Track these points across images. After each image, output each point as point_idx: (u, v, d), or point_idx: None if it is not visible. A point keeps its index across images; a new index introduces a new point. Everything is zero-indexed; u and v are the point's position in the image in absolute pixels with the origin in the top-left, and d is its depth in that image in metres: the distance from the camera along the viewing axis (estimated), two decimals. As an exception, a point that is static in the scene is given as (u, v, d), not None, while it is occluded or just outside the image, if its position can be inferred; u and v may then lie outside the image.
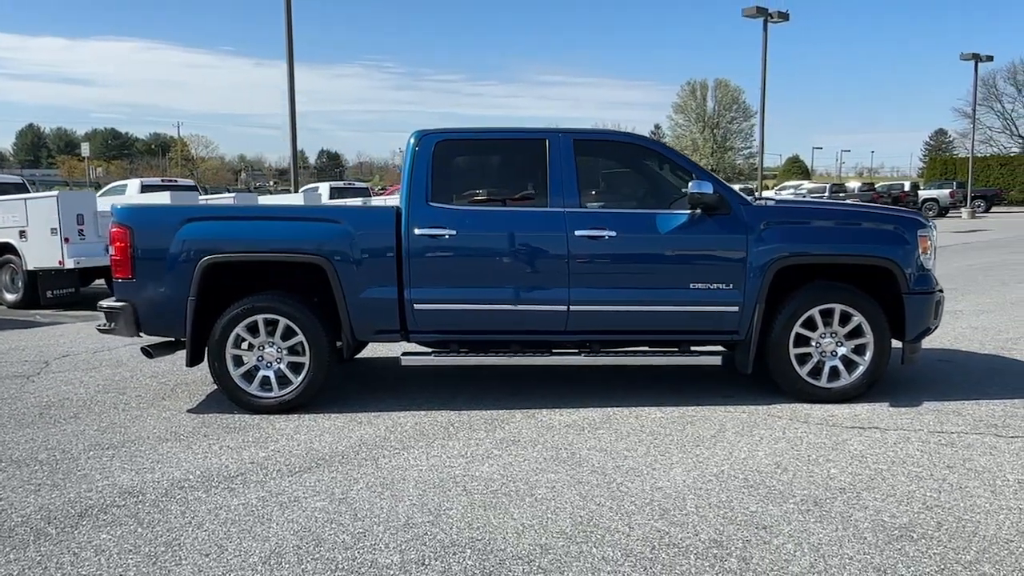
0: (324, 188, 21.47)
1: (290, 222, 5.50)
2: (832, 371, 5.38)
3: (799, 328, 5.32)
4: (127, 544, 3.37)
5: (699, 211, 5.28)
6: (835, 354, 5.38)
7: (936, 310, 5.48)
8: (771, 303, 5.31)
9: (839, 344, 5.38)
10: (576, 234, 5.25)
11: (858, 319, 5.31)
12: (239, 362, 5.33)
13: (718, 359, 5.53)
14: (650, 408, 5.32)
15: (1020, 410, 5.14)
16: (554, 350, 5.60)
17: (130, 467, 4.33)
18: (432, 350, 5.62)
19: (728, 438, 4.68)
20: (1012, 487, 3.85)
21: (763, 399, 5.47)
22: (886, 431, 4.75)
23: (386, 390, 5.95)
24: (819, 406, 5.28)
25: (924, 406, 5.27)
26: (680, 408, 5.31)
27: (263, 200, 16.42)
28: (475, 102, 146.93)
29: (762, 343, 5.33)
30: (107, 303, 5.41)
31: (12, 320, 9.95)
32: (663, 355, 5.57)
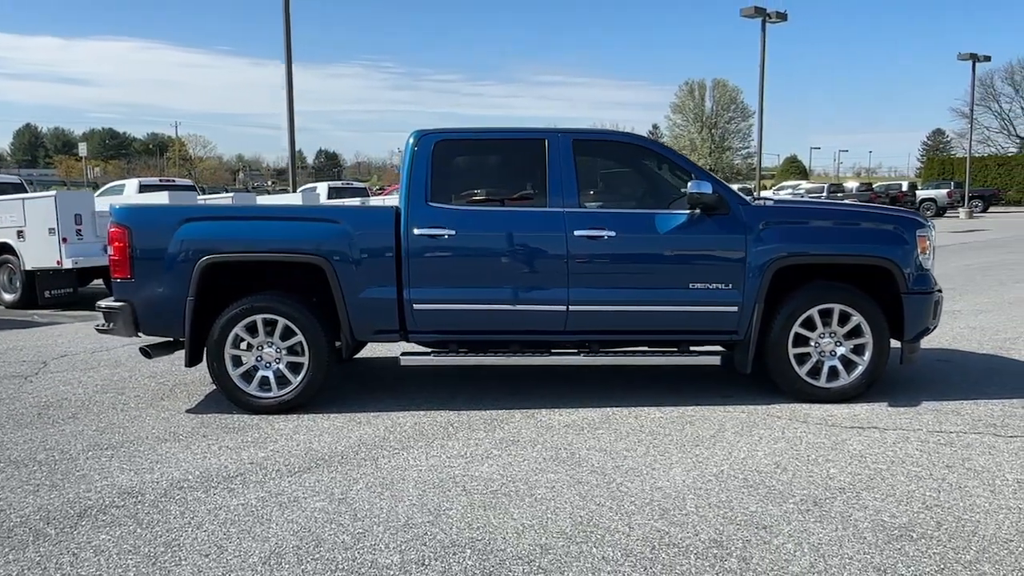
0: (322, 188, 21.45)
1: (289, 222, 5.50)
2: (831, 371, 5.38)
3: (798, 328, 5.32)
4: (126, 544, 3.37)
5: (698, 211, 5.29)
6: (834, 354, 5.39)
7: (935, 310, 5.48)
8: (770, 303, 5.32)
9: (838, 344, 5.38)
10: (575, 234, 5.25)
11: (857, 319, 5.31)
12: (238, 362, 5.32)
13: (717, 359, 5.54)
14: (649, 408, 5.32)
15: (1019, 410, 5.14)
16: (553, 350, 5.60)
17: (129, 467, 4.33)
18: (431, 350, 5.62)
19: (727, 438, 4.68)
20: (1011, 486, 3.86)
21: (762, 399, 5.47)
22: (885, 431, 4.76)
23: (385, 390, 5.95)
24: (818, 406, 5.29)
25: (923, 406, 5.28)
26: (679, 408, 5.32)
27: (261, 200, 16.40)
28: (474, 102, 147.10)
29: (761, 343, 5.33)
30: (106, 303, 5.40)
31: (10, 320, 9.93)
32: (662, 355, 5.57)
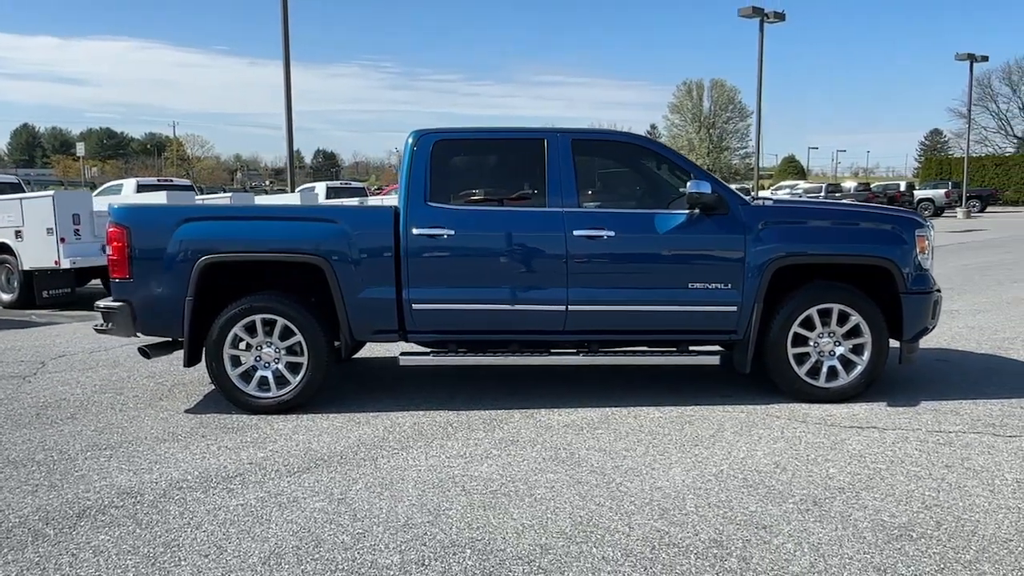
0: (320, 188, 21.41)
1: (288, 222, 5.49)
2: (830, 371, 5.38)
3: (797, 328, 5.32)
4: (126, 545, 3.36)
5: (697, 211, 5.28)
6: (833, 354, 5.39)
7: (934, 310, 5.48)
8: (769, 303, 5.32)
9: (837, 344, 5.38)
10: (574, 234, 5.25)
11: (856, 319, 5.31)
12: (237, 362, 5.32)
13: (716, 359, 5.54)
14: (648, 408, 5.32)
15: (1017, 409, 5.15)
16: (552, 350, 5.59)
17: (128, 468, 4.32)
18: (430, 350, 5.62)
19: (727, 438, 4.68)
20: (1010, 486, 3.86)
21: (761, 399, 5.47)
22: (884, 431, 4.76)
23: (384, 390, 5.95)
24: (817, 406, 5.29)
25: (922, 406, 5.28)
26: (678, 408, 5.31)
27: (259, 200, 16.38)
28: (472, 102, 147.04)
29: (760, 343, 5.33)
30: (104, 303, 5.39)
31: (8, 320, 9.91)
32: (661, 355, 5.57)
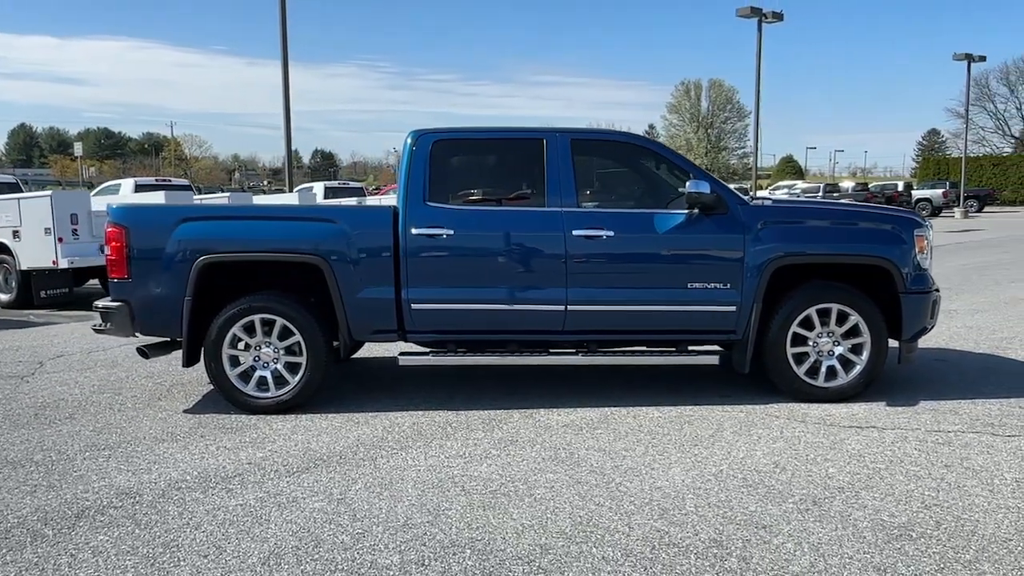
0: (319, 188, 21.41)
1: (287, 222, 5.49)
2: (829, 370, 5.39)
3: (796, 328, 5.32)
4: (125, 545, 3.35)
5: (696, 211, 5.28)
6: (832, 353, 5.39)
7: (933, 309, 5.49)
8: (768, 303, 5.32)
9: (836, 343, 5.39)
10: (574, 234, 5.25)
11: (855, 319, 5.32)
12: (236, 362, 5.31)
13: (715, 359, 5.54)
14: (648, 408, 5.32)
15: (1016, 409, 5.16)
16: (551, 350, 5.59)
17: (127, 468, 4.31)
18: (429, 350, 5.61)
19: (726, 438, 4.68)
20: (1010, 486, 3.87)
21: (760, 399, 5.47)
22: (883, 430, 4.76)
23: (383, 390, 5.94)
24: (816, 405, 5.29)
25: (921, 405, 5.29)
26: (678, 408, 5.31)
27: (258, 200, 16.37)
28: (469, 102, 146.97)
29: (759, 343, 5.33)
30: (103, 303, 5.38)
31: (6, 320, 9.89)
32: (660, 355, 5.57)
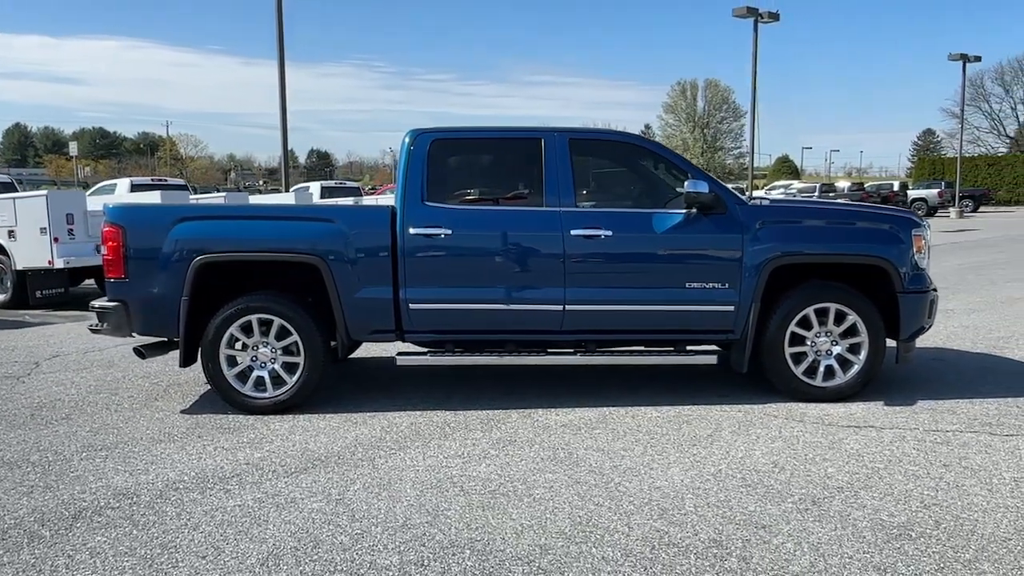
0: (315, 187, 21.40)
1: (284, 222, 5.48)
2: (827, 370, 5.39)
3: (794, 327, 5.33)
4: (122, 546, 3.34)
5: (695, 210, 5.28)
6: (830, 353, 5.39)
7: (930, 309, 5.50)
8: (766, 302, 5.32)
9: (834, 343, 5.39)
10: (572, 233, 5.24)
11: (853, 318, 5.32)
12: (233, 362, 5.29)
13: (714, 358, 5.54)
14: (646, 408, 5.31)
15: (1013, 408, 5.16)
16: (550, 350, 5.58)
17: (124, 468, 4.29)
18: (427, 350, 5.60)
19: (725, 437, 4.68)
20: (1008, 485, 3.87)
21: (759, 398, 5.47)
22: (882, 430, 4.77)
23: (381, 390, 5.93)
24: (814, 405, 5.29)
25: (919, 405, 5.29)
26: (676, 407, 5.31)
27: (254, 200, 16.34)
28: (465, 102, 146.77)
29: (757, 342, 5.33)
30: (99, 303, 5.36)
31: (1, 321, 9.85)
32: (659, 354, 5.57)
